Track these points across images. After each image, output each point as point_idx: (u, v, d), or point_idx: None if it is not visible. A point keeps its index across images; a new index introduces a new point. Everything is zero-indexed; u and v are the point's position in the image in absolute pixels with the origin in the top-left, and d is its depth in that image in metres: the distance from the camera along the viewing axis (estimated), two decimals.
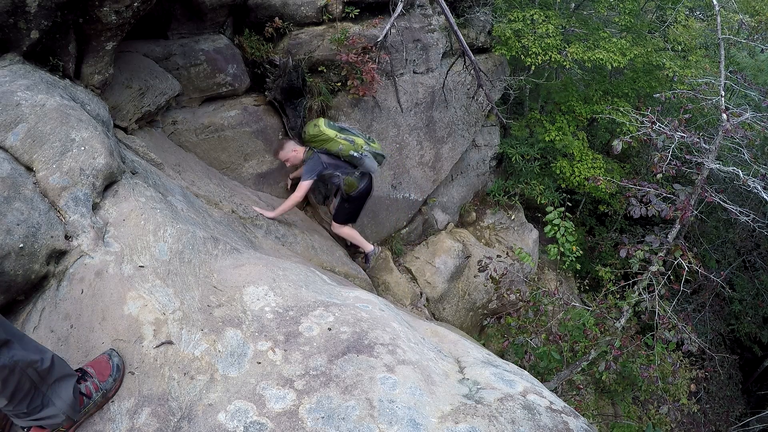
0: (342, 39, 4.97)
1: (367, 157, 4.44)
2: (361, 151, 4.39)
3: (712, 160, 5.17)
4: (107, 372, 1.76)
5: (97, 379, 1.72)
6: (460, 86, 6.58)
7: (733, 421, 8.76)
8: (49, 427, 1.60)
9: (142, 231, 2.32)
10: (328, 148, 4.31)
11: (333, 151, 4.32)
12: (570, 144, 7.73)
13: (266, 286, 2.22)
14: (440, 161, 6.58)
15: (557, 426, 1.67)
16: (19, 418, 1.56)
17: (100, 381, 1.72)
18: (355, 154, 4.35)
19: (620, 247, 5.13)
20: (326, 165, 4.32)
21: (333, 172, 4.39)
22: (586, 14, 8.46)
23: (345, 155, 4.35)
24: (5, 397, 1.46)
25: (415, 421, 1.64)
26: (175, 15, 4.39)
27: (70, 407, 1.61)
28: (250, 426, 1.63)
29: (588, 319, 5.46)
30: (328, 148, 4.31)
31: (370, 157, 4.47)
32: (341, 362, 1.84)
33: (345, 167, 4.43)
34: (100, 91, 3.33)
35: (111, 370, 1.77)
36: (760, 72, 8.70)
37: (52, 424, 1.60)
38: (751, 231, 8.84)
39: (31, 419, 1.56)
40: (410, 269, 6.34)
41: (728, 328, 9.72)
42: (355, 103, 5.32)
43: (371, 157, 4.48)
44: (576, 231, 6.27)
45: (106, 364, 1.78)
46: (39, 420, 1.57)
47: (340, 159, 4.38)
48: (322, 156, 4.32)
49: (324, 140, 4.30)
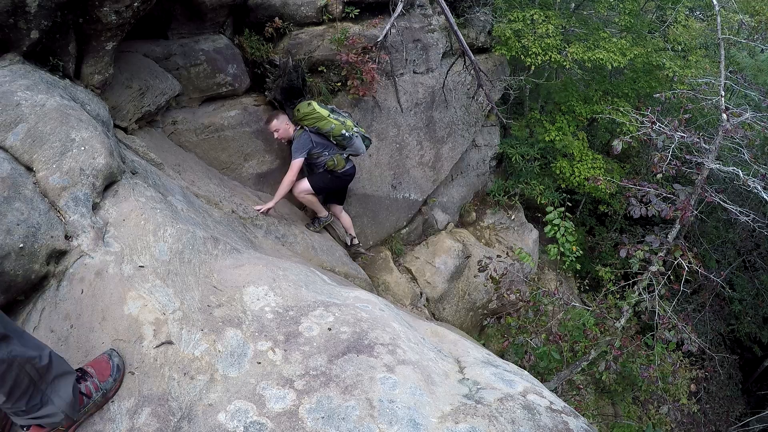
0: (342, 39, 4.97)
1: (357, 138, 4.51)
2: (352, 131, 4.46)
3: (712, 160, 5.16)
4: (107, 372, 1.75)
5: (97, 379, 1.71)
6: (460, 86, 6.58)
7: (733, 421, 8.76)
8: (49, 426, 1.59)
9: (142, 231, 2.32)
10: (319, 127, 4.34)
11: (324, 131, 4.36)
12: (570, 144, 7.73)
13: (266, 286, 2.22)
14: (440, 161, 6.58)
15: (557, 426, 1.67)
16: (18, 416, 1.55)
17: (100, 381, 1.72)
18: (346, 133, 4.41)
19: (620, 247, 5.13)
20: (315, 143, 4.36)
21: (321, 151, 4.43)
22: (586, 14, 8.46)
23: (336, 135, 4.39)
24: (3, 393, 1.45)
25: (415, 421, 1.64)
26: (175, 15, 4.39)
27: (70, 406, 1.60)
28: (250, 426, 1.63)
29: (588, 319, 5.46)
30: (320, 127, 4.34)
31: (359, 138, 4.54)
32: (341, 362, 1.84)
33: (333, 148, 4.48)
34: (100, 91, 3.33)
35: (111, 370, 1.76)
36: (760, 72, 8.71)
37: (51, 423, 1.58)
38: (751, 231, 8.83)
39: (30, 417, 1.55)
40: (410, 269, 6.34)
41: (728, 328, 9.72)
42: (355, 103, 5.32)
43: (360, 139, 4.56)
44: (576, 231, 6.26)
45: (106, 364, 1.77)
46: (38, 418, 1.55)
47: (329, 139, 4.42)
48: (312, 135, 4.36)
49: (316, 119, 4.32)
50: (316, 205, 4.74)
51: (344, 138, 4.43)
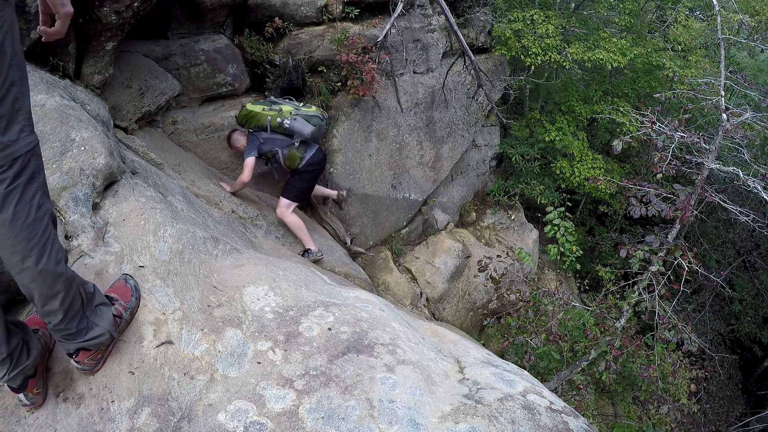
0: (342, 39, 4.97)
1: (296, 121, 4.27)
2: (289, 117, 4.26)
3: (712, 160, 5.16)
4: (128, 293, 1.96)
5: (122, 301, 1.90)
6: (460, 86, 6.58)
7: (733, 421, 8.76)
8: (95, 347, 1.73)
9: (142, 231, 2.32)
10: (259, 125, 4.24)
11: (263, 126, 4.24)
12: (570, 144, 7.73)
13: (266, 286, 2.22)
14: (440, 161, 6.58)
15: (557, 426, 1.67)
16: (68, 340, 1.64)
17: (125, 302, 1.92)
18: (283, 122, 4.23)
19: (620, 247, 5.12)
20: (264, 140, 4.25)
21: (272, 148, 4.29)
22: (586, 14, 8.46)
23: (275, 126, 4.24)
24: (63, 309, 1.55)
25: (415, 421, 1.64)
26: (175, 15, 4.39)
27: (113, 326, 1.78)
28: (250, 426, 1.63)
29: (588, 319, 5.46)
30: (260, 124, 4.24)
31: (300, 120, 4.28)
32: (341, 362, 1.84)
33: (283, 140, 4.31)
34: (100, 91, 3.33)
35: (131, 291, 1.97)
36: (760, 72, 8.70)
37: (99, 343, 1.72)
38: (751, 231, 8.84)
39: (79, 341, 1.66)
40: (410, 269, 6.34)
41: (728, 328, 9.72)
42: (355, 103, 5.32)
43: (302, 120, 4.29)
44: (576, 231, 6.27)
45: (125, 286, 1.97)
46: (86, 341, 1.67)
47: (275, 132, 4.28)
48: (258, 134, 4.27)
49: (251, 117, 4.23)
50: (302, 233, 4.43)
51: (284, 128, 4.25)
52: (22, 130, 1.32)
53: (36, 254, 1.42)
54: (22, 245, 1.39)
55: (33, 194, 1.39)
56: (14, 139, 1.29)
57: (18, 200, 1.34)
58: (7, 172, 1.30)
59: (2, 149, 1.27)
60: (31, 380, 1.67)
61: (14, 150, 1.30)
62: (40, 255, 1.44)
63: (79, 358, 1.72)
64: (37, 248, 1.42)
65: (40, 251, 1.43)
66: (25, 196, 1.36)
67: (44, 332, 1.79)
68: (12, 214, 1.34)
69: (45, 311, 1.54)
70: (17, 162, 1.32)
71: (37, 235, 1.42)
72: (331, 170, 5.36)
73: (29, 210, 1.37)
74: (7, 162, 1.29)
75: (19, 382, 1.62)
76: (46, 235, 1.45)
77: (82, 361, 1.73)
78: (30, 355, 1.63)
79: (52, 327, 1.60)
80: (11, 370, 1.56)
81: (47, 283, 1.48)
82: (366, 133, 5.54)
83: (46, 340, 1.79)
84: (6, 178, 1.30)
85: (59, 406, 1.74)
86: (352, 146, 5.45)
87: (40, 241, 1.43)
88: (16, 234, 1.37)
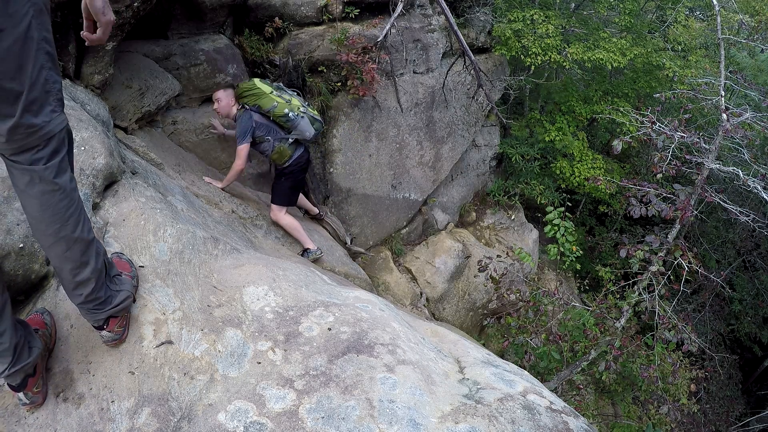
0: (342, 39, 4.97)
1: (302, 119, 4.02)
2: (297, 111, 4.00)
3: (712, 160, 5.16)
4: (128, 267, 2.07)
5: (126, 273, 2.02)
6: (460, 86, 6.58)
7: (733, 421, 8.76)
8: (122, 312, 1.85)
9: (142, 231, 2.32)
10: (260, 105, 3.92)
11: (265, 109, 3.93)
12: (570, 144, 7.73)
13: (266, 286, 2.22)
14: (440, 161, 6.58)
15: (557, 426, 1.67)
16: (99, 310, 1.74)
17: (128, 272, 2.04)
18: (290, 113, 3.96)
19: (620, 247, 5.13)
20: (258, 124, 3.93)
21: (264, 135, 3.98)
22: (586, 14, 8.46)
23: (278, 114, 3.94)
24: (94, 277, 1.67)
25: (415, 421, 1.64)
26: (175, 15, 4.39)
27: (134, 288, 1.97)
28: (250, 426, 1.63)
29: (588, 319, 5.46)
30: (261, 105, 3.92)
31: (306, 120, 4.04)
32: (341, 362, 1.84)
33: (277, 131, 4.03)
34: (100, 91, 3.33)
35: (129, 265, 2.09)
36: (760, 72, 8.70)
37: (125, 307, 1.85)
38: (751, 231, 8.84)
39: (109, 309, 1.77)
40: (410, 269, 6.34)
41: (728, 328, 9.72)
42: (355, 103, 5.32)
43: (307, 121, 4.06)
44: (576, 231, 6.27)
45: (121, 262, 2.08)
46: (114, 307, 1.79)
47: (272, 120, 4.00)
48: (253, 114, 3.93)
49: (257, 95, 3.92)
50: (298, 234, 4.27)
51: (288, 119, 3.96)
52: (53, 110, 1.43)
53: (72, 223, 1.55)
54: (60, 214, 1.51)
55: (66, 168, 1.52)
56: (48, 120, 1.41)
57: (56, 175, 1.47)
58: (44, 150, 1.43)
59: (38, 130, 1.39)
60: (31, 379, 1.67)
61: (49, 130, 1.42)
62: (76, 224, 1.56)
63: (109, 327, 1.81)
64: (73, 217, 1.55)
65: (75, 220, 1.56)
66: (60, 170, 1.49)
67: (44, 332, 1.79)
68: (51, 188, 1.47)
69: (77, 282, 1.64)
70: (52, 140, 1.44)
71: (73, 205, 1.54)
72: (331, 170, 5.36)
73: (65, 183, 1.50)
74: (43, 141, 1.42)
75: (19, 381, 1.63)
76: (80, 206, 1.58)
77: (113, 329, 1.83)
78: (31, 354, 1.64)
79: (84, 299, 1.68)
80: (12, 365, 1.58)
81: (81, 251, 1.60)
82: (366, 133, 5.54)
83: (47, 340, 1.80)
84: (43, 156, 1.43)
85: (59, 405, 1.74)
86: (352, 146, 5.45)
87: (76, 210, 1.56)
88: (54, 205, 1.49)
